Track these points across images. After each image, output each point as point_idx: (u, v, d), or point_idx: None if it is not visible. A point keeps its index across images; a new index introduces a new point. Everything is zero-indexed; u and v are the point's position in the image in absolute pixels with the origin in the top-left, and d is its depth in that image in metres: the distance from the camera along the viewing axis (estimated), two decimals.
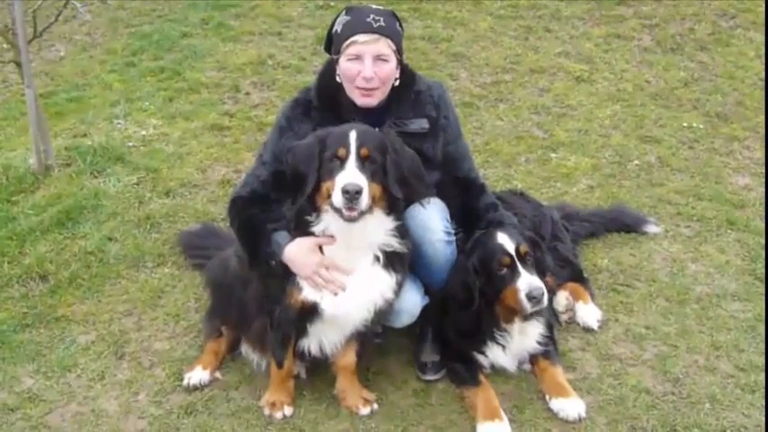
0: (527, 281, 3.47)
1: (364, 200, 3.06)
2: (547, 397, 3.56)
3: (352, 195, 3.03)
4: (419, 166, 3.32)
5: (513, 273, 3.50)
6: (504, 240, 3.54)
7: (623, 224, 4.85)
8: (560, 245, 4.32)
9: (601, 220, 4.82)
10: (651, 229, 4.83)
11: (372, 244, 3.28)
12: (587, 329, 4.02)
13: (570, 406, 3.48)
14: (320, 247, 3.30)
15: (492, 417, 3.40)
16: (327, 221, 3.24)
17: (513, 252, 3.52)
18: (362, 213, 3.13)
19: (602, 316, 4.08)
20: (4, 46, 5.91)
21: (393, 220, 3.28)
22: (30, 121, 4.98)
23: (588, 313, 4.07)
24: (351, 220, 3.12)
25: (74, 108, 6.28)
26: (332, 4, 7.86)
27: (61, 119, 6.07)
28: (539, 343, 3.69)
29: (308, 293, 3.31)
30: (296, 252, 3.29)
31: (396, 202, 3.25)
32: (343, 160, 3.12)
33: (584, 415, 3.46)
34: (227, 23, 7.62)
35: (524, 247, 3.55)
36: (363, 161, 3.12)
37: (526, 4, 7.93)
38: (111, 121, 5.97)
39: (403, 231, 3.33)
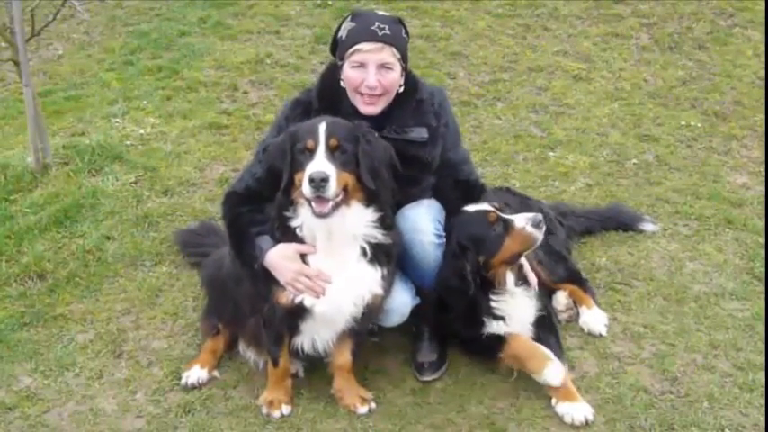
0: (522, 217, 3.57)
1: (331, 188, 3.06)
2: (553, 401, 3.53)
3: (318, 183, 3.03)
4: (391, 157, 3.31)
5: (506, 222, 3.56)
6: (478, 206, 3.61)
7: (620, 222, 4.84)
8: (553, 239, 4.24)
9: (597, 218, 4.81)
10: (648, 227, 4.83)
11: (356, 236, 3.28)
12: (594, 335, 3.99)
13: (576, 410, 3.45)
14: (302, 255, 3.31)
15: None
16: (305, 215, 3.24)
17: (493, 208, 3.59)
18: (336, 208, 3.14)
19: (607, 318, 4.07)
20: (2, 45, 5.90)
21: (374, 211, 3.27)
22: (28, 120, 4.97)
23: (594, 318, 4.03)
24: (321, 215, 3.13)
25: (72, 107, 6.27)
26: (330, 2, 7.86)
27: (59, 117, 6.06)
28: (537, 311, 3.74)
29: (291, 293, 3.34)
30: (276, 258, 3.31)
31: (374, 194, 3.24)
32: (312, 151, 3.13)
33: (591, 419, 3.43)
34: (226, 22, 7.62)
35: (498, 204, 3.66)
36: (333, 151, 3.13)
37: (524, 3, 7.93)
38: (109, 120, 5.96)
39: (387, 223, 3.32)
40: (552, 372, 3.49)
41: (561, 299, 4.10)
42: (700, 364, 3.81)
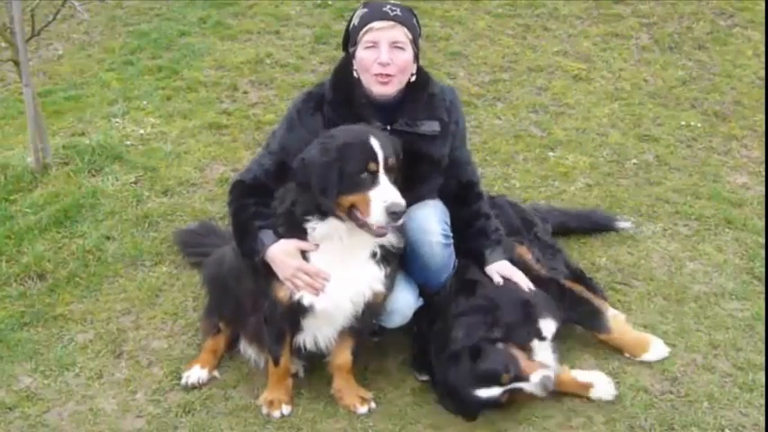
0: (538, 381, 3.42)
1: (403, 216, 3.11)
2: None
3: (399, 215, 3.08)
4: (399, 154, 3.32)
5: (520, 379, 3.44)
6: (502, 360, 3.45)
7: (594, 222, 4.80)
8: (539, 231, 4.25)
9: (574, 213, 4.82)
10: (623, 224, 4.79)
11: (374, 243, 3.30)
12: None
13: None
14: (303, 252, 3.31)
15: None
16: (333, 226, 3.23)
17: (506, 373, 3.43)
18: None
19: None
20: (2, 45, 5.90)
21: None
22: (28, 120, 4.97)
23: None
24: (381, 235, 3.18)
25: (72, 107, 6.27)
26: (330, 2, 7.85)
27: (59, 117, 6.06)
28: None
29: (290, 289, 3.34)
30: (277, 254, 3.31)
31: None
32: (374, 174, 3.11)
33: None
34: (226, 22, 7.61)
35: (508, 365, 3.46)
36: (389, 172, 3.13)
37: (524, 3, 7.92)
38: (109, 120, 5.96)
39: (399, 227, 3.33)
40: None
41: None
42: (700, 364, 3.81)
